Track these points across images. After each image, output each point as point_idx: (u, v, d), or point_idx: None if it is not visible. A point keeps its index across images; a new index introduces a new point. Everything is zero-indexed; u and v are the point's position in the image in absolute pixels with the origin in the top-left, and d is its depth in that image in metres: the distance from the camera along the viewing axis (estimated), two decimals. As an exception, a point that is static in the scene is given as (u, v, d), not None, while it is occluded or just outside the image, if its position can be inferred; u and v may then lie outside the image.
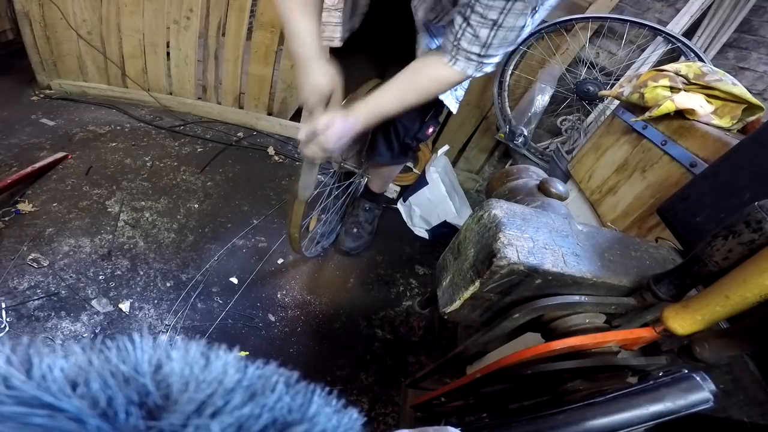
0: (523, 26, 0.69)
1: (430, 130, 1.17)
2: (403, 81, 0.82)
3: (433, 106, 1.11)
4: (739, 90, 0.88)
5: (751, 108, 0.89)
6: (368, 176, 1.46)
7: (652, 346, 0.54)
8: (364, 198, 1.48)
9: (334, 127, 0.81)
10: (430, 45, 0.91)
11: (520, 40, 0.74)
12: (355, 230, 1.44)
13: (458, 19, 0.70)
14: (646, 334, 0.49)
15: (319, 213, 1.33)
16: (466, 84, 1.09)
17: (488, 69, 0.78)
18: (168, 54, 1.83)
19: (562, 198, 0.74)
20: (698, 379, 0.38)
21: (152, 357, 0.17)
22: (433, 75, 0.80)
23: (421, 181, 1.62)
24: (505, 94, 1.71)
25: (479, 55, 0.73)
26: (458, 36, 0.72)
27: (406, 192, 1.71)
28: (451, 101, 1.07)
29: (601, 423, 0.38)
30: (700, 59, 1.36)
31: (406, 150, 1.19)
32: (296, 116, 2.02)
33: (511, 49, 0.75)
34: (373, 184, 1.44)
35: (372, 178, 1.43)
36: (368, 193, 1.47)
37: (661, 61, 1.46)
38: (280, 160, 1.82)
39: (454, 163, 2.00)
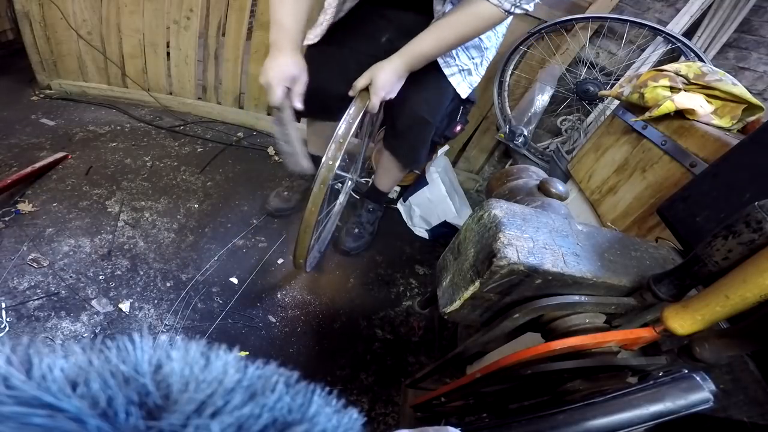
0: None
1: (458, 128, 1.20)
2: (442, 20, 0.88)
3: (462, 105, 1.13)
4: (739, 90, 0.88)
5: (751, 108, 0.89)
6: (366, 178, 1.46)
7: (652, 346, 0.54)
8: (369, 198, 1.48)
9: (381, 74, 0.90)
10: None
11: None
12: (356, 230, 1.44)
13: None
14: (646, 334, 0.49)
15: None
16: (482, 71, 1.10)
17: (528, 7, 0.82)
18: (168, 54, 1.82)
19: (562, 198, 0.74)
20: (698, 379, 0.38)
21: (152, 357, 0.17)
22: (471, 11, 0.84)
23: (421, 181, 1.62)
24: (505, 94, 1.71)
25: None
26: None
27: (406, 192, 1.71)
28: (460, 81, 1.07)
29: (601, 423, 0.38)
30: (700, 59, 1.36)
31: (433, 147, 1.26)
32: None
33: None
34: (382, 184, 1.44)
35: (381, 178, 1.43)
36: (374, 193, 1.47)
37: (661, 61, 1.46)
38: (280, 160, 1.82)
39: (454, 163, 2.00)
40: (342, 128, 0.90)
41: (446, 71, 1.03)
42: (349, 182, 1.47)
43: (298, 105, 0.91)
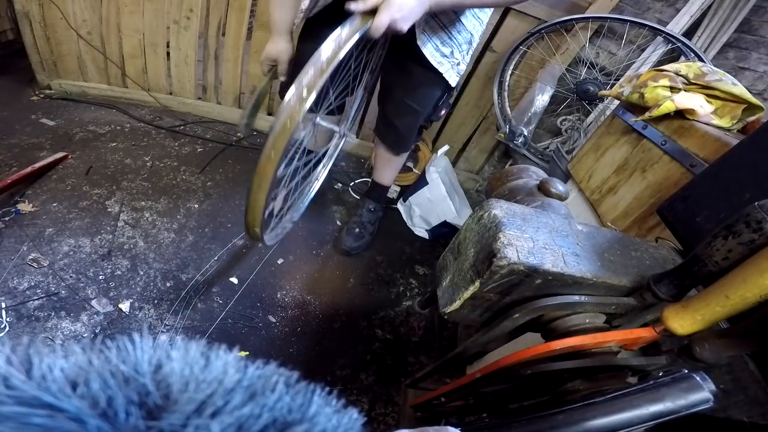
0: None
1: (443, 112, 1.22)
2: None
3: (446, 90, 1.15)
4: (739, 90, 0.88)
5: (751, 108, 0.89)
6: (366, 178, 1.46)
7: (652, 346, 0.54)
8: (370, 198, 1.49)
9: None
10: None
11: None
12: (357, 230, 1.44)
13: None
14: (646, 334, 0.49)
15: (284, 189, 1.09)
16: (468, 59, 1.11)
17: None
18: (168, 54, 1.82)
19: (562, 198, 0.74)
20: (698, 379, 0.38)
21: (152, 357, 0.17)
22: None
23: (421, 181, 1.62)
24: (505, 94, 1.71)
25: None
26: None
27: (406, 192, 1.71)
28: (452, 74, 1.09)
29: (601, 423, 0.38)
30: (700, 59, 1.36)
31: (421, 131, 1.29)
32: (296, 116, 2.01)
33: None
34: (381, 177, 1.45)
35: (379, 171, 1.44)
36: (375, 190, 1.47)
37: (661, 61, 1.46)
38: (280, 160, 1.82)
39: (454, 163, 2.00)
40: (329, 49, 0.63)
41: (440, 69, 1.04)
42: (337, 137, 1.35)
43: (281, 78, 1.10)
